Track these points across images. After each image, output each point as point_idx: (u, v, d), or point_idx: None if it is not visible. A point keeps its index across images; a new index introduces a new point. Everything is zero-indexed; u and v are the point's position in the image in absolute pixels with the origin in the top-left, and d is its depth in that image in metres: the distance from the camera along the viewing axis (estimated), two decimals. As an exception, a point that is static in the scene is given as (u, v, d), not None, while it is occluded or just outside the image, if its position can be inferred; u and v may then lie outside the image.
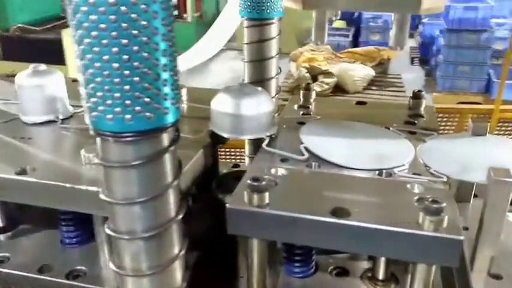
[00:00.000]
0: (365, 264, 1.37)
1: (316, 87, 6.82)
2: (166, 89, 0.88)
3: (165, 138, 0.94)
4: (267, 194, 1.09)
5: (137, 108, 0.86)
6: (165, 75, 0.88)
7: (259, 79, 1.85)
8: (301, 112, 1.64)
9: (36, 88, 1.53)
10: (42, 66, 1.57)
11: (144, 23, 0.82)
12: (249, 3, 1.75)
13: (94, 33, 0.81)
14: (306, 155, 1.29)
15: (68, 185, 1.20)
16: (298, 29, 9.74)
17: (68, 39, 4.45)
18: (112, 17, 0.79)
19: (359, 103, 1.71)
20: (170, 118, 0.91)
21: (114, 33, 0.81)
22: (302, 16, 9.86)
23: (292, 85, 7.83)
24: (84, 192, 1.19)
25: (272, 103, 1.42)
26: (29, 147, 1.43)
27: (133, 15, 0.80)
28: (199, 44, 8.87)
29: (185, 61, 8.27)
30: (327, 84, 7.81)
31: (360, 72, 7.84)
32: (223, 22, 9.07)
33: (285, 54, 9.63)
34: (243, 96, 1.35)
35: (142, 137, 0.90)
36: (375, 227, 1.03)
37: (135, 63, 0.83)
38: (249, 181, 1.12)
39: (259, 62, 1.84)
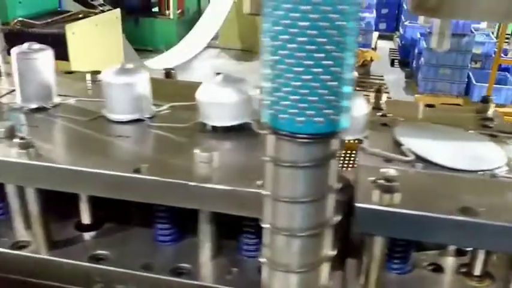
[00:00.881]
0: (456, 261, 1.44)
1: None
2: (344, 99, 0.91)
3: (334, 144, 0.97)
4: (398, 194, 1.14)
5: (319, 112, 0.89)
6: (346, 88, 0.90)
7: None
8: (378, 114, 1.69)
9: (126, 86, 1.53)
10: (129, 65, 1.57)
11: (341, 26, 0.83)
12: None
13: (292, 30, 0.82)
14: (412, 156, 1.35)
15: (192, 184, 1.22)
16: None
17: (71, 34, 4.36)
18: (314, 16, 0.80)
19: (428, 106, 1.79)
20: (341, 125, 0.94)
21: (312, 32, 0.82)
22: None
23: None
24: (205, 189, 1.21)
25: (368, 105, 1.47)
26: (131, 145, 1.43)
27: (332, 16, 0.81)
28: (183, 42, 8.81)
29: (169, 59, 8.21)
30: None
31: (344, 73, 7.96)
32: (207, 20, 9.04)
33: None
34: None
35: (316, 140, 0.93)
36: (505, 225, 1.10)
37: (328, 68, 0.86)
38: (378, 181, 1.16)
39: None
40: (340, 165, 1.71)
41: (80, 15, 4.75)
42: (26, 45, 1.61)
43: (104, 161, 1.33)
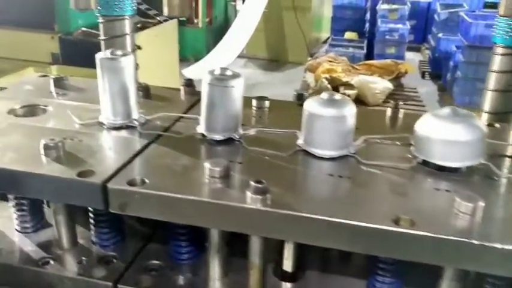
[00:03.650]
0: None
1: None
2: None
3: None
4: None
5: None
6: None
7: (503, 111, 1.75)
8: None
9: (337, 119, 1.37)
10: (337, 95, 1.41)
11: None
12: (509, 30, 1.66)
13: None
14: None
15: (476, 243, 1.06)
16: (308, 39, 9.73)
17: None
18: None
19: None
20: None
21: None
22: (311, 26, 9.90)
23: (312, 95, 7.75)
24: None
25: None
26: (355, 187, 1.28)
27: None
28: (215, 50, 8.66)
29: (204, 68, 8.06)
30: (348, 96, 7.74)
31: (380, 85, 7.85)
32: (238, 28, 8.90)
33: (294, 64, 9.61)
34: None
35: None
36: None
37: None
38: None
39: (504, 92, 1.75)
40: None
41: (139, 25, 4.60)
42: (219, 70, 1.45)
43: (349, 209, 1.17)
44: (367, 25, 9.80)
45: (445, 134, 1.29)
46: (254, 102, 1.75)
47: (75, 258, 1.46)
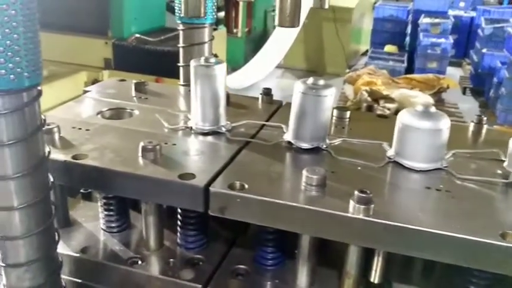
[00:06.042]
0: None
1: (377, 112, 6.72)
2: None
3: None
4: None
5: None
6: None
7: None
8: None
9: (435, 132, 1.37)
10: (433, 108, 1.41)
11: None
12: None
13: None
14: None
15: None
16: (347, 51, 9.71)
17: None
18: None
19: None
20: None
21: None
22: (351, 39, 9.88)
23: (352, 108, 7.73)
24: None
25: None
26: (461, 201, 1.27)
27: None
28: (254, 60, 8.72)
29: (243, 77, 8.14)
30: (389, 109, 7.71)
31: (420, 99, 7.76)
32: (277, 38, 8.95)
33: (332, 75, 9.60)
34: None
35: None
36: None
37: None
38: None
39: None
40: None
41: (189, 33, 4.67)
42: (311, 79, 1.47)
43: (453, 222, 1.16)
44: (407, 38, 9.74)
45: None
46: (335, 113, 1.76)
47: (162, 259, 1.49)
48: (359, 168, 1.42)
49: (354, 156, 1.47)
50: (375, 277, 1.38)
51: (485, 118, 1.75)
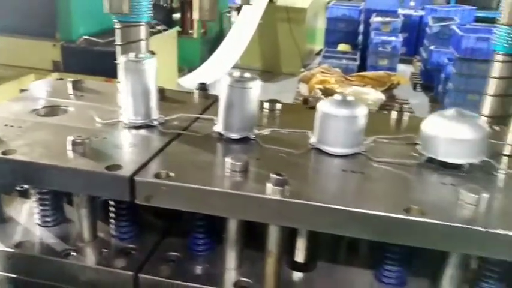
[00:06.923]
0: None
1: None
2: None
3: None
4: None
5: None
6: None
7: (501, 114, 1.85)
8: None
9: (350, 119, 1.46)
10: (350, 97, 1.50)
11: None
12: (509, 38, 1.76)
13: None
14: None
15: (481, 229, 1.15)
16: (301, 50, 9.87)
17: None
18: None
19: None
20: None
21: None
22: (305, 38, 10.05)
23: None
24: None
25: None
26: (367, 182, 1.36)
27: None
28: (210, 60, 8.76)
29: (199, 77, 8.16)
30: (342, 106, 7.87)
31: (372, 96, 7.98)
32: (231, 41, 9.02)
33: (287, 75, 9.74)
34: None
35: None
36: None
37: None
38: None
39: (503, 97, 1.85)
40: None
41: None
42: (237, 72, 1.53)
43: (363, 200, 1.25)
44: (360, 37, 9.98)
45: (450, 132, 1.39)
46: (266, 105, 1.84)
47: (96, 250, 1.52)
48: (283, 155, 1.49)
49: (279, 145, 1.54)
50: (299, 256, 1.46)
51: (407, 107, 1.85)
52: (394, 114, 1.85)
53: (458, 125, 1.39)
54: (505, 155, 1.58)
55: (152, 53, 2.18)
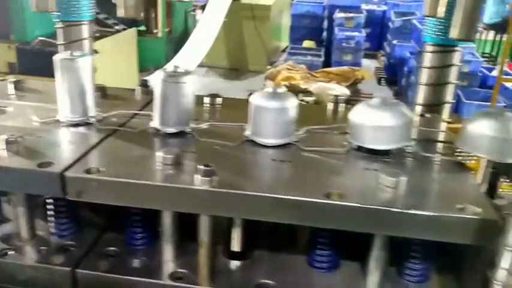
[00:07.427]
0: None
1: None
2: None
3: None
4: None
5: None
6: None
7: (434, 103, 1.93)
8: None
9: (281, 111, 1.51)
10: (281, 89, 1.55)
11: None
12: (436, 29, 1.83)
13: None
14: None
15: (396, 210, 1.20)
16: (267, 48, 9.93)
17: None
18: None
19: None
20: None
21: None
22: (271, 36, 10.10)
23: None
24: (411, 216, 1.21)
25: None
26: (298, 170, 1.41)
27: None
28: (177, 58, 8.73)
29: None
30: (307, 102, 7.98)
31: (337, 91, 8.08)
32: (197, 40, 9.00)
33: (254, 72, 9.79)
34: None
35: None
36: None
37: None
38: None
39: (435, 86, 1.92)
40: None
41: (97, 35, 4.65)
42: (171, 67, 1.56)
43: (288, 187, 1.30)
44: (324, 33, 10.09)
45: (373, 120, 1.44)
46: (207, 100, 1.87)
47: (34, 248, 1.53)
48: (217, 147, 1.53)
49: (215, 138, 1.58)
50: (235, 245, 1.50)
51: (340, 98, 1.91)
52: (330, 106, 1.90)
53: (381, 112, 1.45)
54: (434, 141, 1.65)
55: (96, 52, 2.19)
